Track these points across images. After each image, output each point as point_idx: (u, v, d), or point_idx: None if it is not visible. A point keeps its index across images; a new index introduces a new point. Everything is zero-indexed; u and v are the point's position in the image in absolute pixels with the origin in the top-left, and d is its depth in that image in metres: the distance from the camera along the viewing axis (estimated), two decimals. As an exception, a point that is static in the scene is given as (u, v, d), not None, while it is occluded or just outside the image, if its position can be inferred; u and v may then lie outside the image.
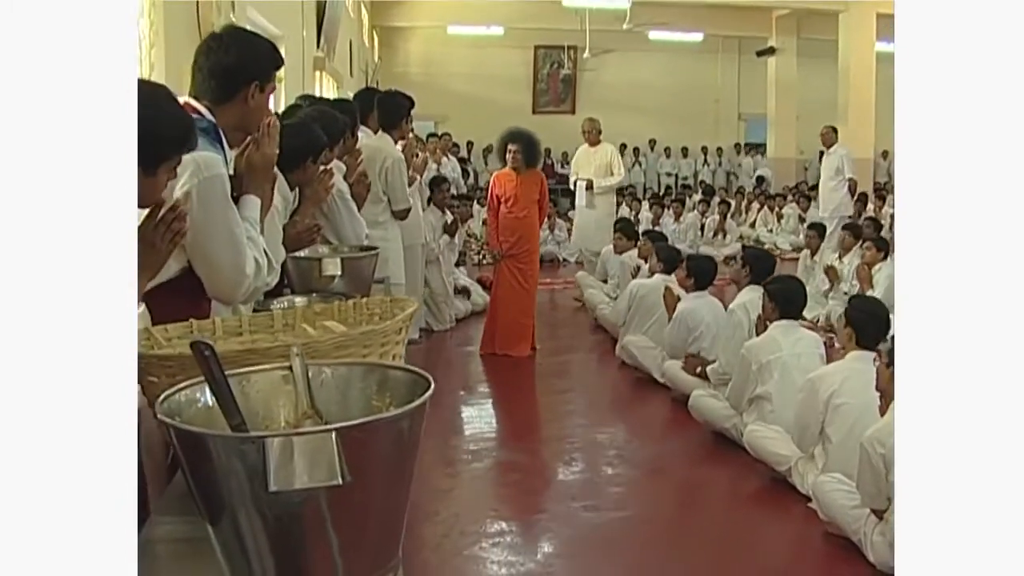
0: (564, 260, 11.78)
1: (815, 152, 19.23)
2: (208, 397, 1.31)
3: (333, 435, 1.08)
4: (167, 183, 1.82)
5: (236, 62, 2.29)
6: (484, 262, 8.99)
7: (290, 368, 1.36)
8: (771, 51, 16.64)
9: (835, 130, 10.45)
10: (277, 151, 2.35)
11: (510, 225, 6.71)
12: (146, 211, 1.78)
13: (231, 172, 2.23)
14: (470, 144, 17.73)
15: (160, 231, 1.73)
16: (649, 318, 6.18)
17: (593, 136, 8.81)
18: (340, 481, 1.08)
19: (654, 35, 17.30)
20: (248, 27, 3.64)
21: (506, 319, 6.71)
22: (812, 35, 16.12)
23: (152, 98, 1.79)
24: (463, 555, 3.56)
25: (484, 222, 8.74)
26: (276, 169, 2.47)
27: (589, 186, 8.71)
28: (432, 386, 1.25)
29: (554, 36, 18.09)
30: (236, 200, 2.20)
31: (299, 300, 2.48)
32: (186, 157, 1.88)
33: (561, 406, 5.87)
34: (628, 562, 3.63)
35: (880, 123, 14.20)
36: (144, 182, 1.73)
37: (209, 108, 2.27)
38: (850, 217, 9.94)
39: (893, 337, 3.35)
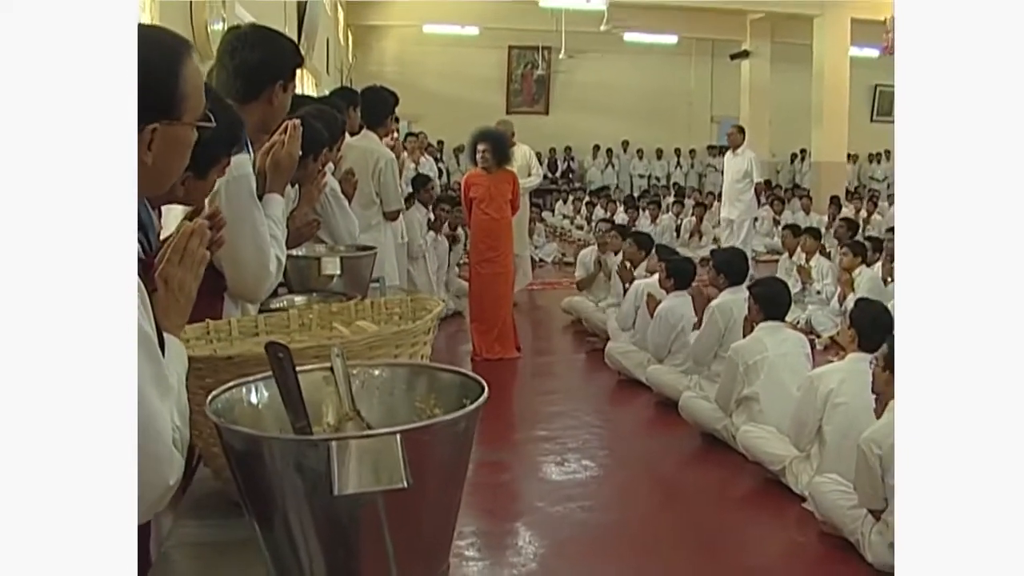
0: (541, 261, 11.78)
1: (787, 155, 19.51)
2: (254, 397, 1.29)
3: (398, 437, 1.06)
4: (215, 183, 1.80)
5: (261, 61, 2.27)
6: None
7: (331, 369, 1.34)
8: (745, 54, 16.68)
9: (742, 131, 10.39)
10: (300, 153, 2.34)
11: (485, 228, 6.67)
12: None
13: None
14: (440, 143, 17.68)
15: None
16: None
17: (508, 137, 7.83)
18: (404, 484, 1.05)
19: (629, 37, 17.31)
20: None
21: (494, 322, 6.66)
22: (786, 39, 16.16)
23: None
24: (462, 555, 3.53)
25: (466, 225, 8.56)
26: None
27: None
28: (487, 390, 1.24)
29: (529, 37, 18.05)
30: (259, 198, 2.18)
31: (299, 299, 2.47)
32: None
33: (549, 406, 5.86)
34: (625, 562, 3.63)
35: (852, 127, 14.33)
36: (195, 185, 1.70)
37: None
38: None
39: (889, 341, 3.39)
